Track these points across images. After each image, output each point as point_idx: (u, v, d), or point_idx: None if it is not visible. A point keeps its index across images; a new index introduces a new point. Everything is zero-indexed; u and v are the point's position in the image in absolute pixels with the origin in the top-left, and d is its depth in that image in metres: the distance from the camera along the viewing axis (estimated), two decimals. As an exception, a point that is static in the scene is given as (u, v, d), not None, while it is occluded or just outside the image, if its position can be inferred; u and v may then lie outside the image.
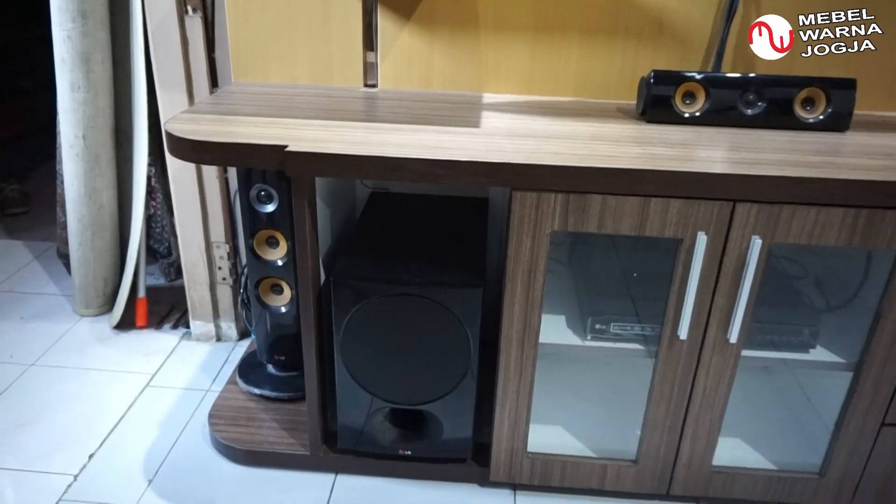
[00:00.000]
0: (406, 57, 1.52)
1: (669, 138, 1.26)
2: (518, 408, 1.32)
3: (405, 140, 1.19)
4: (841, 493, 1.35)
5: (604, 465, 1.37)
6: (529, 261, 1.18)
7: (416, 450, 1.39)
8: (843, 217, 1.11)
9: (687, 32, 1.46)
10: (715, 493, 1.37)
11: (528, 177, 1.11)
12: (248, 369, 1.64)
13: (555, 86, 1.53)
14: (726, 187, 1.10)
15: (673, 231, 1.14)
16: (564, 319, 1.35)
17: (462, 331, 1.26)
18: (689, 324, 1.20)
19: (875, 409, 1.26)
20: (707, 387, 1.27)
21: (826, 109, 1.33)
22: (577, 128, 1.30)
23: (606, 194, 1.12)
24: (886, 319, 1.18)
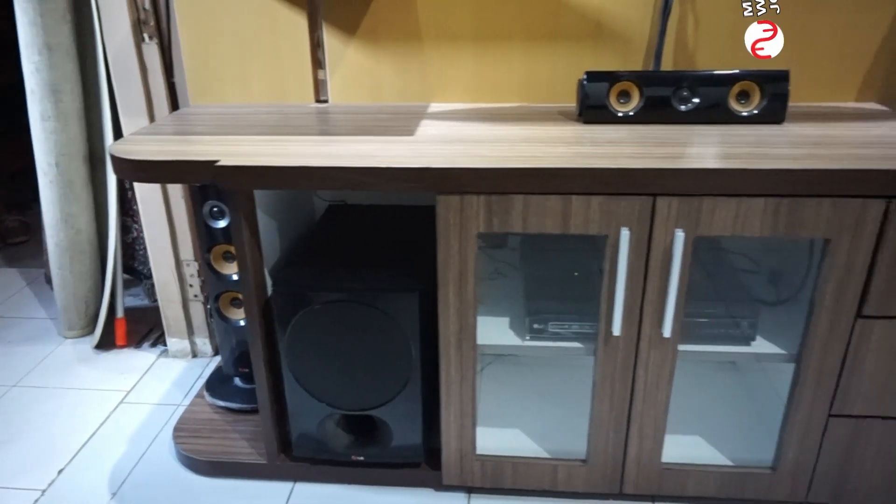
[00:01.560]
0: (354, 72, 1.56)
1: (599, 137, 1.27)
2: (463, 410, 1.33)
3: (339, 150, 1.22)
4: (795, 486, 1.34)
5: (554, 465, 1.37)
6: (459, 263, 1.20)
7: (369, 455, 1.41)
8: (764, 207, 1.11)
9: (626, 33, 1.48)
10: (668, 490, 1.37)
11: (451, 180, 1.13)
12: (215, 383, 1.67)
13: (500, 92, 1.55)
14: (645, 182, 1.11)
15: (597, 228, 1.15)
16: (508, 321, 1.36)
17: (403, 335, 1.28)
18: (621, 320, 1.20)
19: (820, 400, 1.25)
20: (648, 383, 1.27)
21: (760, 102, 1.33)
22: (512, 131, 1.32)
23: (528, 194, 1.14)
24: (820, 309, 1.18)
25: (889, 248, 1.12)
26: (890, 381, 1.22)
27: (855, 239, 1.12)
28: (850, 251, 1.13)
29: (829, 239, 1.12)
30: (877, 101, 1.49)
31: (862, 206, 1.09)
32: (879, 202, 1.09)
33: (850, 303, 1.17)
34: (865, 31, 1.43)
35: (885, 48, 1.44)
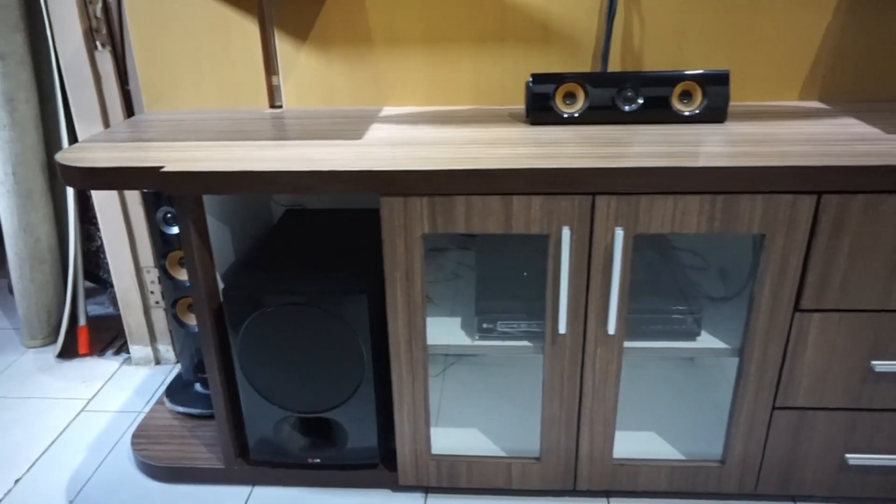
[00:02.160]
0: (307, 77, 1.57)
1: (543, 138, 1.29)
2: (416, 411, 1.34)
3: (286, 155, 1.23)
4: (744, 479, 1.36)
5: (508, 463, 1.38)
6: (405, 264, 1.21)
7: (326, 458, 1.42)
8: (700, 204, 1.13)
9: (573, 35, 1.50)
10: (620, 486, 1.39)
11: (394, 182, 1.15)
12: (176, 389, 1.68)
13: (452, 95, 1.57)
14: (583, 182, 1.12)
15: (538, 227, 1.17)
16: (460, 321, 1.38)
17: (353, 337, 1.29)
18: (566, 318, 1.22)
19: (763, 393, 1.27)
20: (596, 380, 1.28)
21: (702, 102, 1.36)
22: (459, 133, 1.34)
23: (470, 195, 1.15)
24: (759, 304, 1.20)
25: (822, 242, 1.14)
26: (829, 373, 1.24)
27: (789, 234, 1.14)
28: (784, 246, 1.15)
29: (765, 234, 1.15)
30: (819, 99, 1.52)
31: (794, 201, 1.12)
32: (810, 197, 1.12)
33: (788, 297, 1.19)
34: (806, 31, 1.46)
35: (825, 47, 1.47)
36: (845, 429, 1.30)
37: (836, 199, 1.12)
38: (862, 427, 1.29)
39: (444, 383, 1.70)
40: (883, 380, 1.25)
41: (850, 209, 1.12)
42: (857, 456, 1.31)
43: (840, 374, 1.25)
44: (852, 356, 1.23)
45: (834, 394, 1.27)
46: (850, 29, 1.46)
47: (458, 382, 1.69)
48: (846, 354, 1.23)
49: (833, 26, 1.46)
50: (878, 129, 1.28)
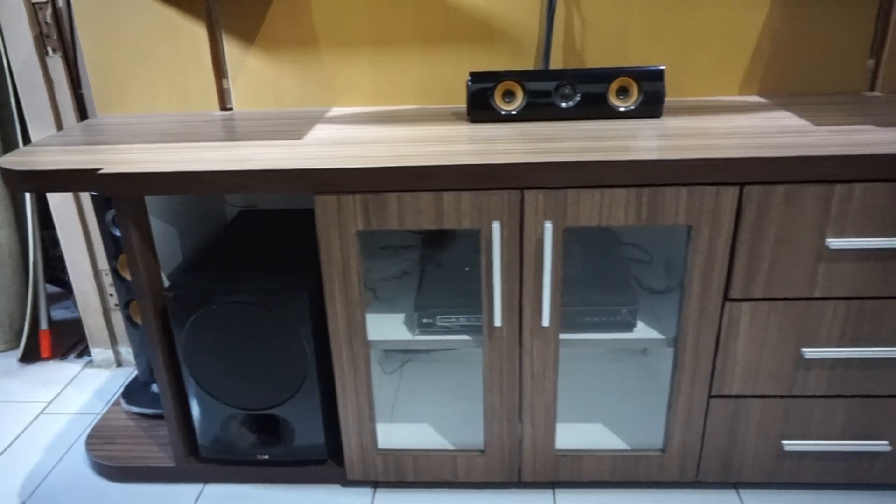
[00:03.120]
0: (256, 79, 1.59)
1: (479, 135, 1.31)
2: (360, 406, 1.36)
3: (224, 156, 1.25)
4: (685, 467, 1.38)
5: (453, 456, 1.40)
6: (341, 261, 1.23)
7: (274, 455, 1.43)
8: (626, 196, 1.16)
9: (516, 34, 1.52)
10: (564, 476, 1.41)
11: (326, 181, 1.17)
12: (132, 390, 1.69)
13: (398, 95, 1.59)
14: (511, 177, 1.15)
15: (469, 222, 1.19)
16: (403, 317, 1.40)
17: (295, 334, 1.31)
18: (501, 311, 1.24)
19: (699, 382, 1.30)
20: (534, 372, 1.31)
21: (638, 98, 1.38)
22: (399, 132, 1.36)
23: (401, 192, 1.17)
24: (690, 294, 1.22)
25: (746, 233, 1.17)
26: (761, 361, 1.27)
27: (714, 225, 1.17)
28: (710, 237, 1.18)
29: (691, 226, 1.17)
30: (758, 93, 1.55)
31: (717, 192, 1.14)
32: (733, 189, 1.14)
33: (717, 287, 1.21)
34: (743, 27, 1.49)
35: (763, 42, 1.50)
36: (780, 416, 1.32)
37: (757, 189, 1.14)
38: (796, 414, 1.32)
39: (401, 380, 1.72)
40: (813, 367, 1.27)
41: (771, 200, 1.14)
42: (792, 442, 1.33)
43: (772, 362, 1.27)
44: (783, 344, 1.25)
45: (767, 382, 1.29)
46: (786, 24, 1.49)
47: (414, 379, 1.71)
48: (777, 342, 1.25)
49: (769, 22, 1.49)
50: (807, 121, 1.31)
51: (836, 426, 1.32)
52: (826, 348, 1.25)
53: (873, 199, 1.13)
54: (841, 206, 1.14)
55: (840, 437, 1.33)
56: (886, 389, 1.28)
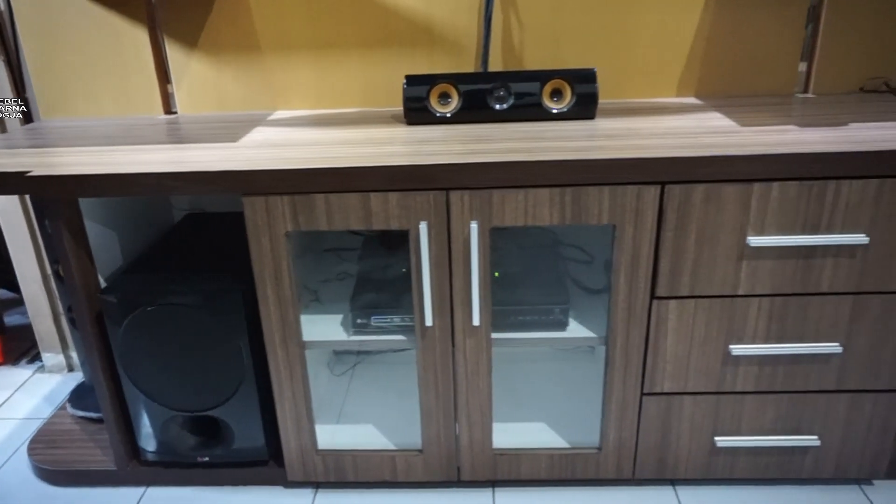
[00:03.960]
0: (199, 83, 1.60)
1: (412, 137, 1.33)
2: (297, 407, 1.37)
3: (158, 158, 1.25)
4: (621, 464, 1.40)
5: (392, 456, 1.41)
6: (272, 262, 1.24)
7: (215, 456, 1.44)
8: (550, 196, 1.17)
9: (456, 38, 1.54)
10: (503, 475, 1.42)
11: (253, 182, 1.18)
12: (79, 394, 1.69)
13: (342, 98, 1.60)
14: (437, 177, 1.16)
15: (397, 223, 1.20)
16: (341, 318, 1.40)
17: (231, 336, 1.32)
18: (431, 311, 1.25)
19: (631, 380, 1.31)
20: (468, 371, 1.32)
21: (571, 100, 1.40)
22: (335, 135, 1.37)
23: (329, 193, 1.18)
24: (617, 293, 1.24)
25: (669, 231, 1.19)
26: (691, 358, 1.29)
27: (638, 224, 1.18)
28: (634, 236, 1.19)
29: (615, 225, 1.19)
30: (695, 95, 1.57)
31: (639, 192, 1.16)
32: (654, 188, 1.16)
33: (643, 285, 1.23)
34: (678, 29, 1.51)
35: (697, 45, 1.52)
36: (711, 412, 1.34)
37: (678, 188, 1.16)
38: (727, 410, 1.33)
39: (352, 381, 1.73)
40: (742, 363, 1.29)
41: (692, 198, 1.16)
42: (724, 438, 1.35)
43: (701, 359, 1.29)
44: (711, 341, 1.27)
45: (697, 378, 1.31)
46: (720, 27, 1.51)
47: (364, 380, 1.72)
48: (705, 340, 1.27)
49: (703, 25, 1.51)
50: (734, 122, 1.33)
51: (766, 422, 1.34)
52: (753, 345, 1.27)
53: (790, 198, 1.15)
54: (760, 204, 1.16)
55: (771, 433, 1.35)
56: (813, 385, 1.30)
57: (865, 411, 1.32)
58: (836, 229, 1.17)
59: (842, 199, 1.15)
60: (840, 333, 1.25)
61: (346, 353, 1.83)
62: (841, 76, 1.53)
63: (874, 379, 1.29)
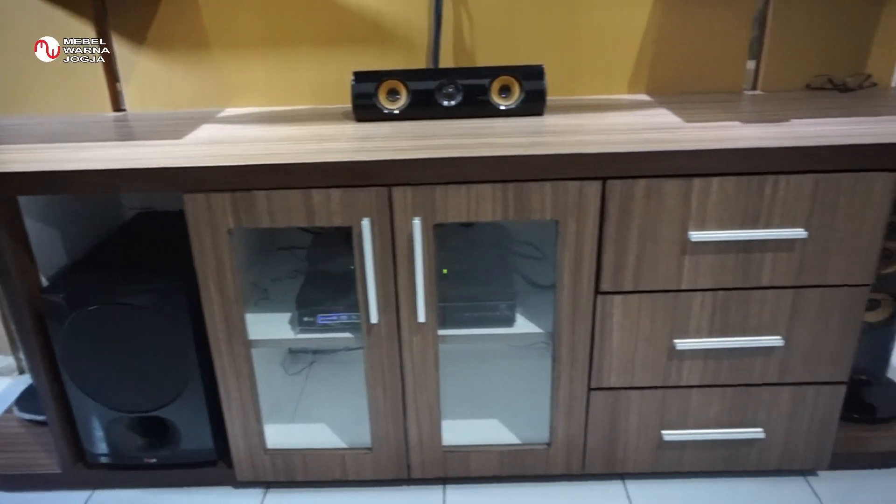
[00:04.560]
0: (148, 80, 1.58)
1: (358, 134, 1.32)
2: (244, 406, 1.35)
3: (98, 155, 1.23)
4: (570, 459, 1.40)
5: (342, 454, 1.41)
6: (215, 260, 1.23)
7: (162, 458, 1.42)
8: (493, 192, 1.17)
9: (407, 35, 1.54)
10: (453, 472, 1.42)
11: (194, 179, 1.16)
12: (26, 397, 1.66)
13: (293, 95, 1.59)
14: (379, 173, 1.16)
15: (340, 219, 1.19)
16: (289, 316, 1.39)
17: (176, 335, 1.30)
18: (376, 308, 1.25)
19: (578, 375, 1.32)
20: (416, 368, 1.31)
21: (520, 96, 1.40)
22: (281, 132, 1.36)
23: (270, 189, 1.17)
24: (562, 288, 1.24)
25: (612, 227, 1.19)
26: (636, 353, 1.29)
27: (580, 219, 1.19)
28: (577, 232, 1.20)
29: (558, 220, 1.19)
30: (646, 92, 1.58)
31: (581, 187, 1.17)
32: (596, 183, 1.16)
33: (588, 280, 1.24)
34: (628, 26, 1.52)
35: (647, 42, 1.53)
36: (658, 407, 1.35)
37: (619, 184, 1.17)
38: (673, 404, 1.34)
39: (308, 380, 1.72)
40: (686, 357, 1.30)
41: (633, 194, 1.17)
42: (672, 432, 1.36)
43: (647, 353, 1.30)
44: (655, 336, 1.28)
45: (644, 373, 1.32)
46: (669, 24, 1.52)
47: (320, 379, 1.71)
48: (650, 334, 1.28)
49: (653, 22, 1.52)
50: (680, 118, 1.34)
51: (712, 415, 1.35)
52: (697, 339, 1.28)
53: (730, 193, 1.17)
54: (700, 199, 1.17)
55: (716, 426, 1.36)
56: (757, 378, 1.31)
57: (808, 403, 1.33)
58: (775, 224, 1.18)
59: (780, 194, 1.17)
60: (781, 327, 1.26)
61: (303, 351, 1.81)
62: (788, 74, 1.55)
63: (815, 371, 1.30)
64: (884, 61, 1.53)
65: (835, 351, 1.29)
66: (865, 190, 1.15)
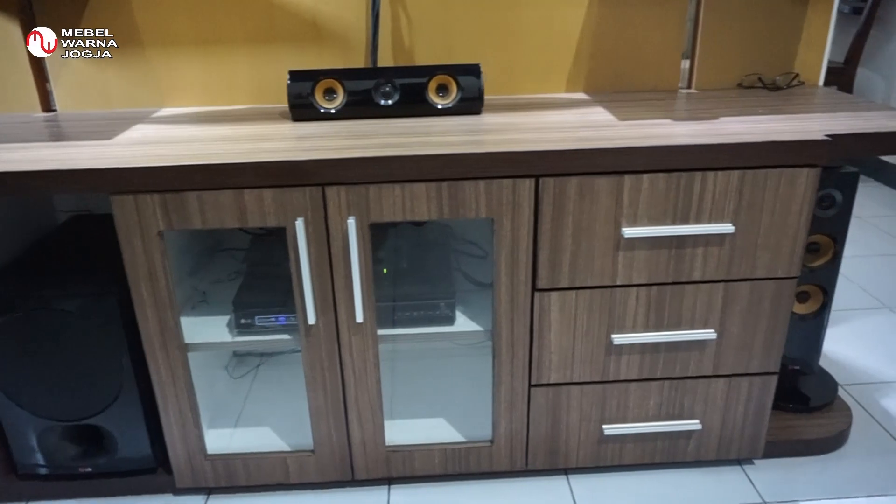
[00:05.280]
0: (80, 80, 1.54)
1: (294, 133, 1.31)
2: (182, 412, 1.33)
3: (21, 157, 1.20)
4: (513, 456, 1.41)
5: (284, 458, 1.39)
6: (146, 263, 1.20)
7: (97, 466, 1.38)
8: (427, 191, 1.17)
9: (344, 33, 1.53)
10: (397, 472, 1.41)
11: (122, 181, 1.14)
12: (-43, 408, 1.60)
13: (232, 95, 1.57)
14: (311, 173, 1.15)
15: (274, 220, 1.18)
16: (228, 318, 1.37)
17: (108, 340, 1.27)
18: (314, 309, 1.24)
19: (518, 372, 1.33)
20: (356, 368, 1.31)
21: (457, 95, 1.40)
22: (215, 131, 1.33)
23: (200, 190, 1.15)
24: (499, 286, 1.25)
25: (546, 224, 1.20)
26: (575, 349, 1.31)
27: (515, 217, 1.20)
28: (512, 229, 1.21)
29: (493, 218, 1.20)
30: (584, 90, 1.60)
31: (514, 185, 1.17)
32: (529, 181, 1.17)
33: (525, 278, 1.25)
34: (565, 25, 1.54)
35: (584, 41, 1.55)
36: (598, 401, 1.36)
37: (552, 181, 1.18)
38: (612, 398, 1.36)
39: (254, 384, 1.70)
40: (624, 352, 1.32)
41: (567, 191, 1.18)
42: (612, 426, 1.38)
43: (585, 349, 1.31)
44: (593, 331, 1.30)
45: (583, 368, 1.33)
46: (605, 24, 1.54)
47: (267, 382, 1.69)
48: (587, 330, 1.29)
49: (589, 21, 1.54)
50: (614, 116, 1.36)
51: (650, 408, 1.38)
52: (633, 334, 1.30)
53: (660, 189, 1.19)
54: (632, 196, 1.19)
55: (655, 419, 1.38)
56: (693, 370, 1.34)
57: (742, 394, 1.37)
58: (705, 219, 1.21)
59: (708, 190, 1.19)
60: (714, 320, 1.29)
61: (249, 354, 1.79)
62: (720, 73, 1.58)
63: (748, 363, 1.34)
64: (810, 61, 1.57)
65: (766, 342, 1.32)
66: (789, 185, 1.19)
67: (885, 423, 1.59)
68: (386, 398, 1.49)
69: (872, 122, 1.26)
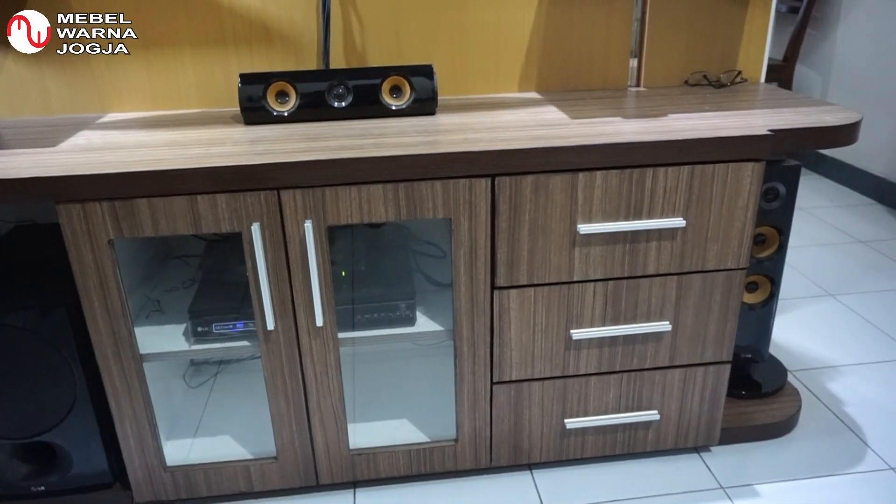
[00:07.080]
0: (17, 84, 1.49)
1: (246, 137, 1.29)
2: (139, 423, 1.30)
3: (-38, 167, 1.15)
4: (478, 454, 1.42)
5: (246, 466, 1.37)
6: (97, 273, 1.17)
7: (51, 484, 1.34)
8: (383, 192, 1.17)
9: (295, 35, 1.51)
10: (362, 475, 1.41)
11: (67, 189, 1.10)
12: None
13: (180, 99, 1.54)
14: (266, 177, 1.13)
15: (228, 225, 1.16)
16: (184, 327, 1.35)
17: (58, 353, 1.23)
18: (272, 314, 1.22)
19: (480, 370, 1.34)
20: (317, 373, 1.30)
21: (410, 96, 1.40)
22: (165, 136, 1.31)
23: (151, 197, 1.13)
24: (459, 285, 1.26)
25: (504, 223, 1.22)
26: (535, 345, 1.32)
27: (472, 216, 1.20)
28: (470, 228, 1.21)
29: (450, 218, 1.20)
30: (536, 90, 1.62)
31: (470, 185, 1.18)
32: (485, 180, 1.18)
33: (483, 276, 1.25)
34: (515, 25, 1.55)
35: (535, 41, 1.57)
36: (559, 396, 1.38)
37: (508, 180, 1.19)
38: (573, 393, 1.38)
39: (212, 392, 1.66)
40: (583, 347, 1.34)
41: (522, 190, 1.20)
42: (573, 420, 1.40)
43: (545, 345, 1.33)
44: (552, 328, 1.31)
45: (543, 364, 1.35)
46: (554, 24, 1.56)
47: (226, 390, 1.66)
48: (546, 326, 1.31)
49: (538, 21, 1.56)
50: (566, 115, 1.38)
51: (610, 401, 1.40)
52: (591, 328, 1.32)
53: (613, 186, 1.21)
54: (586, 193, 1.21)
55: (615, 411, 1.41)
56: (650, 363, 1.37)
57: (697, 384, 1.40)
58: (657, 214, 1.24)
59: (659, 186, 1.22)
60: (668, 312, 1.32)
61: (206, 362, 1.76)
62: (667, 70, 1.62)
63: (701, 353, 1.37)
64: (752, 58, 1.62)
65: (718, 332, 1.36)
66: (736, 179, 1.22)
67: (832, 406, 1.65)
68: (349, 401, 1.48)
69: (811, 118, 1.31)
